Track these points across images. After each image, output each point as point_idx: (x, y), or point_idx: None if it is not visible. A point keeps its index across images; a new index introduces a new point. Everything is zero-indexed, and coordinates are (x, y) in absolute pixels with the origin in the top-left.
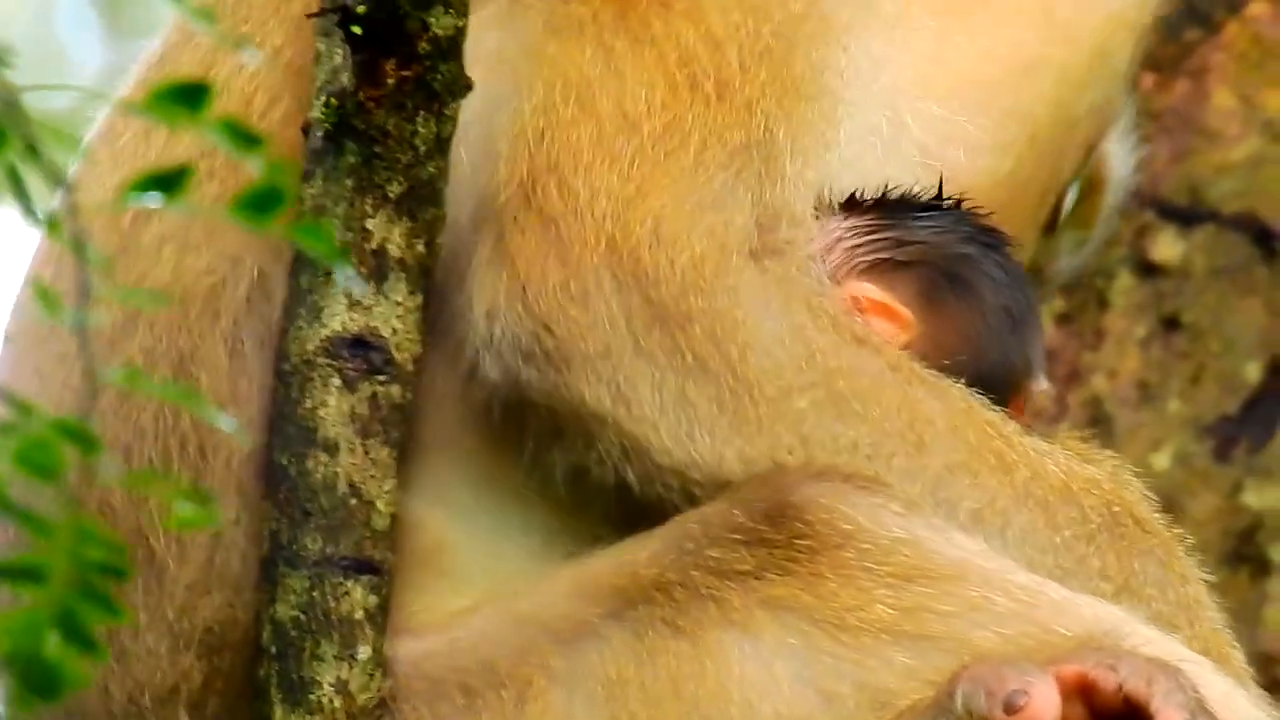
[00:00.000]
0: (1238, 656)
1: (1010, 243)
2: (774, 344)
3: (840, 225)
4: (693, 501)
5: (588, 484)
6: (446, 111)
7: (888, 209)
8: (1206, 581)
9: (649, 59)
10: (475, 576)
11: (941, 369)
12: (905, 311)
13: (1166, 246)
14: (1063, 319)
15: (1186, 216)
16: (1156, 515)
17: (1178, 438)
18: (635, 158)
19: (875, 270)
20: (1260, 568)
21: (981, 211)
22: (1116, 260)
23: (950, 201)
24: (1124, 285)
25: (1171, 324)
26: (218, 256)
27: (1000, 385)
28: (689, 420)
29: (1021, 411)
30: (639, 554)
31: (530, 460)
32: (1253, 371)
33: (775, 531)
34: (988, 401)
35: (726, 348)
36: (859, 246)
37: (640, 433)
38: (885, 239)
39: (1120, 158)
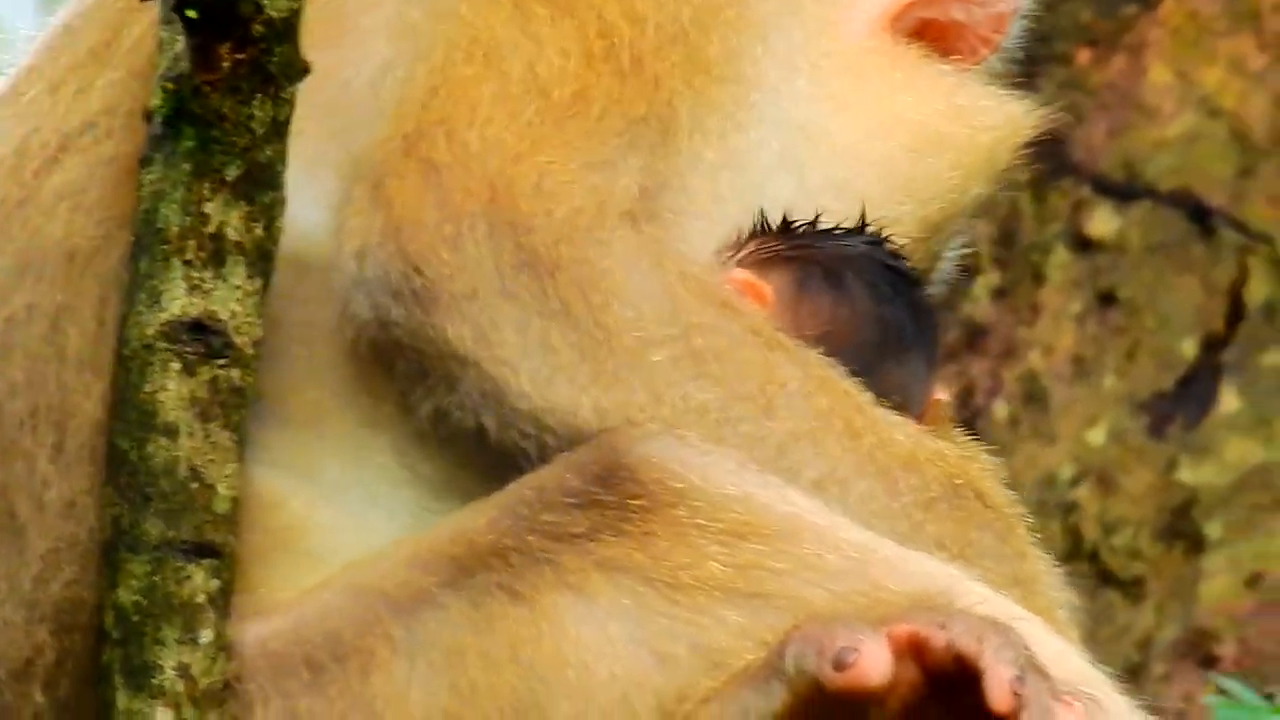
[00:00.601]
0: (1072, 635)
1: (922, 280)
2: (639, 297)
3: (758, 239)
4: (546, 453)
5: (455, 450)
6: (283, 94)
7: (807, 231)
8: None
9: (568, 28)
10: (339, 556)
11: None
12: (769, 291)
13: (1103, 222)
14: (998, 294)
15: (1123, 192)
16: (1001, 492)
17: (1113, 413)
18: (536, 118)
19: (761, 262)
20: (1195, 544)
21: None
22: (1053, 235)
23: (873, 230)
24: (1060, 260)
25: (1107, 300)
26: (101, 223)
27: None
28: (549, 366)
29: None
30: (476, 521)
31: (396, 405)
32: (1188, 348)
33: (608, 493)
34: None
35: (591, 295)
36: (760, 250)
37: (500, 375)
38: (787, 241)
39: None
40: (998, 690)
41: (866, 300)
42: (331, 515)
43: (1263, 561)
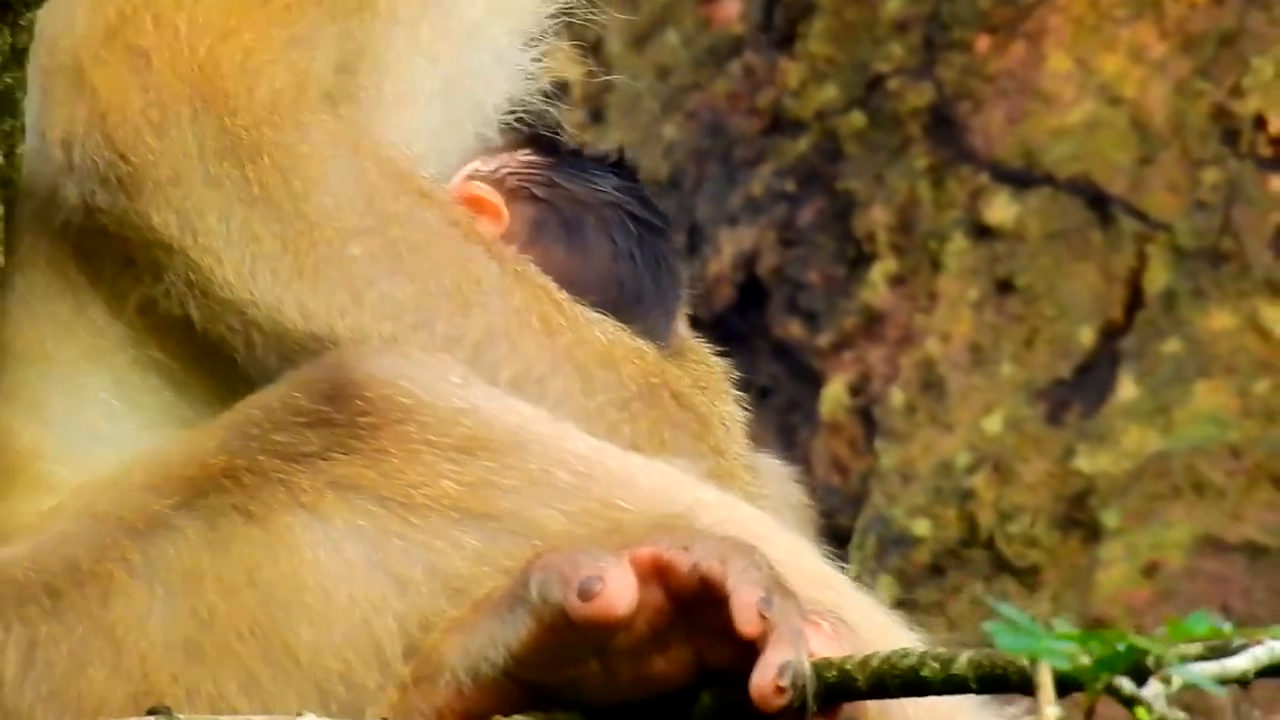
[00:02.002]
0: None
1: (668, 233)
2: (337, 184)
3: (519, 155)
4: (255, 351)
5: (173, 380)
6: (21, 21)
7: (570, 156)
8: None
9: None
10: (68, 480)
11: None
12: (506, 215)
13: (1001, 209)
14: (895, 281)
15: (1021, 179)
16: (699, 393)
17: (1010, 401)
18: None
19: (507, 189)
20: (1091, 533)
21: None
22: (950, 222)
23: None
24: (957, 248)
25: (1005, 287)
26: None
27: None
28: (252, 256)
29: None
30: (206, 443)
31: (114, 340)
32: (1086, 335)
33: (336, 411)
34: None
35: (291, 182)
36: (514, 173)
37: (205, 263)
38: (541, 175)
39: None
40: (745, 614)
41: (603, 258)
42: (58, 447)
43: (1160, 551)
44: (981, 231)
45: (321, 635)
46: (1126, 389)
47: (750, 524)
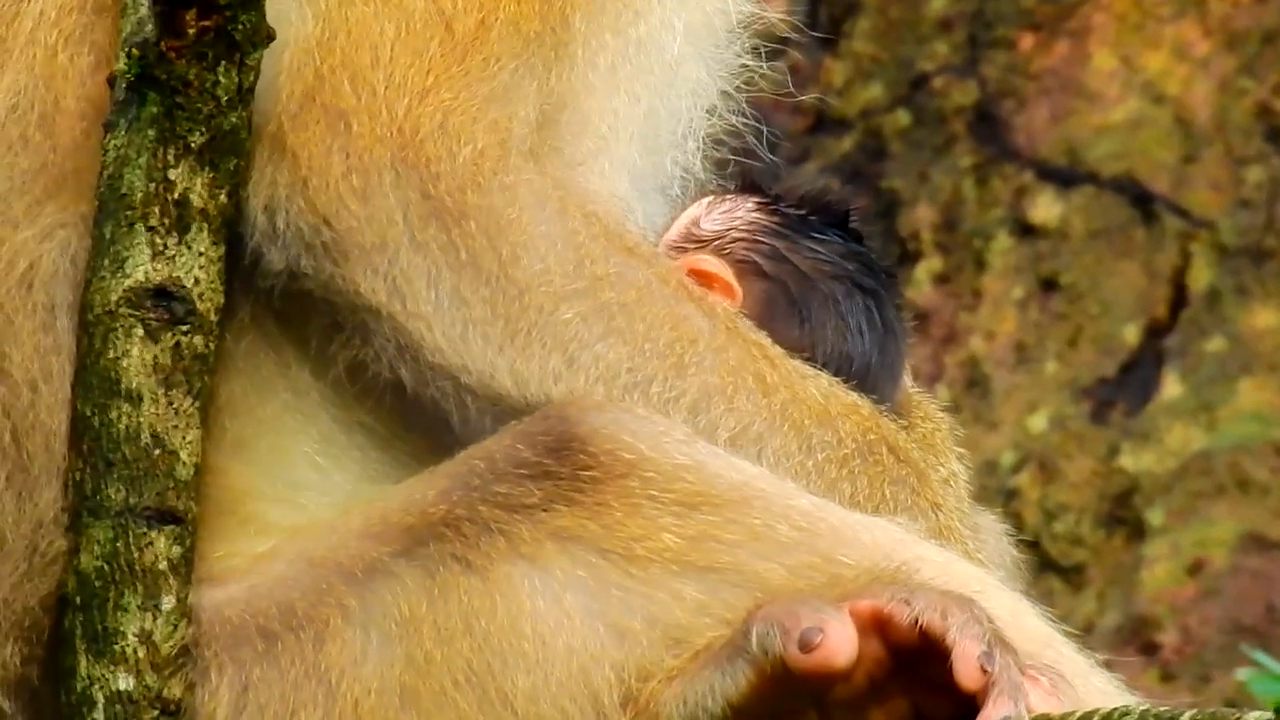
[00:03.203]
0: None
1: (896, 294)
2: (545, 247)
3: (744, 214)
4: (469, 416)
5: (378, 439)
6: (248, 61)
7: (796, 218)
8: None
9: None
10: (278, 523)
11: None
12: (739, 291)
13: (1045, 208)
14: (940, 279)
15: (1065, 178)
16: (913, 447)
17: (1055, 399)
18: (440, 53)
19: (739, 264)
20: (1136, 531)
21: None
22: (995, 221)
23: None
24: (1002, 246)
25: (1049, 285)
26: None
27: None
28: (463, 321)
29: None
30: (427, 492)
31: (315, 401)
32: (1131, 334)
33: (559, 464)
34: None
35: (500, 246)
36: (741, 240)
37: (414, 329)
38: (768, 245)
39: None
40: (965, 667)
41: (833, 336)
42: (268, 487)
43: (1204, 549)
44: (1025, 230)
45: (538, 683)
46: (1170, 387)
47: (971, 580)
